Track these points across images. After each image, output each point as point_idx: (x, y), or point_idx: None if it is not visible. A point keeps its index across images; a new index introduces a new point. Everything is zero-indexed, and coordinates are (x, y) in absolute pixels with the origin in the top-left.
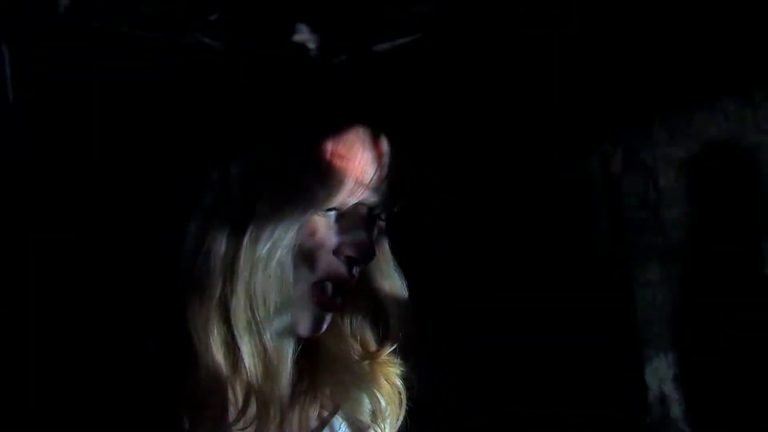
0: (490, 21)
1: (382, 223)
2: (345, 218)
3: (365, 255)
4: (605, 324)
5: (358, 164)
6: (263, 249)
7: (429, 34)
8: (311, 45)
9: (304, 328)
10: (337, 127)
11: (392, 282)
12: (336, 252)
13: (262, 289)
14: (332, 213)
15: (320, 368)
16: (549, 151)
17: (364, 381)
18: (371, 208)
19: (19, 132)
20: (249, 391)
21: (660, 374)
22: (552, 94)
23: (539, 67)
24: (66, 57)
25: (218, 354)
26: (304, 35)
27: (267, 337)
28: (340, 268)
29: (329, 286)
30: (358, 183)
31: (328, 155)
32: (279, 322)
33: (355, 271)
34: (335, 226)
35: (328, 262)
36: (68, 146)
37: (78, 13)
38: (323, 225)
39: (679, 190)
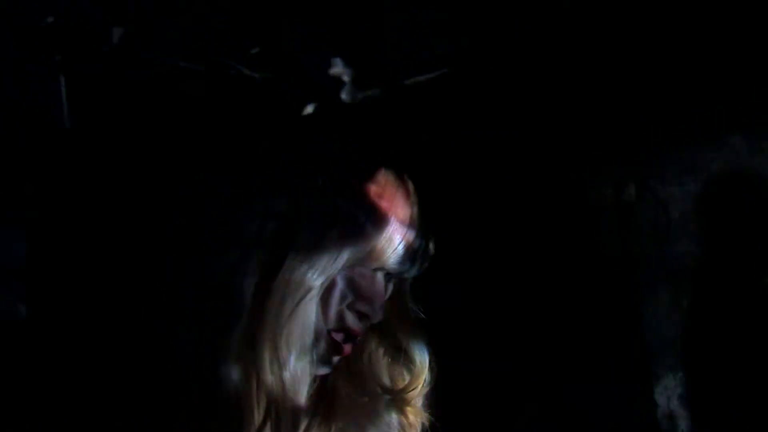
0: (511, 56)
1: (397, 280)
2: (366, 277)
3: (376, 313)
4: (617, 345)
5: (387, 236)
6: (293, 293)
7: (455, 69)
8: (346, 78)
9: (316, 367)
10: (371, 197)
11: (410, 330)
12: (350, 306)
13: (287, 329)
14: (355, 271)
15: (334, 404)
16: (565, 181)
17: (376, 418)
18: (389, 273)
19: (72, 152)
20: (265, 419)
21: (668, 392)
22: (570, 127)
23: (558, 104)
24: (116, 84)
25: (238, 383)
26: (339, 69)
27: (286, 373)
28: (352, 321)
29: (341, 334)
30: (382, 252)
31: (363, 220)
32: (298, 361)
33: (366, 325)
34: (356, 283)
35: (342, 315)
36: (115, 171)
37: (128, 45)
38: (345, 282)
39: (688, 220)
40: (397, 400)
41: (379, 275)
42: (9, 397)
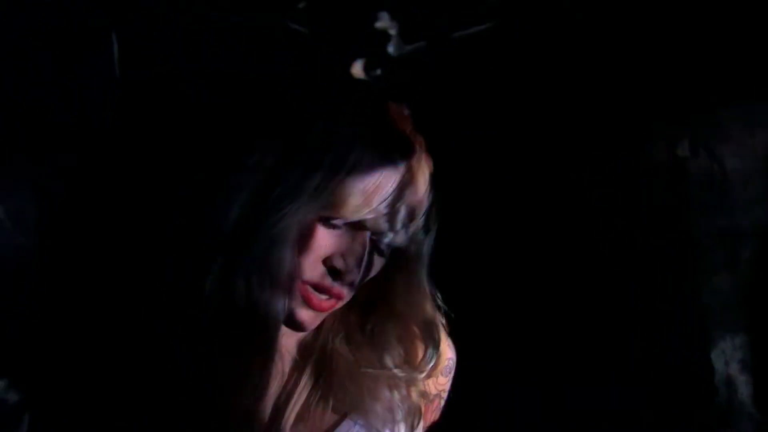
0: (558, 9)
1: (413, 252)
2: (345, 232)
3: (350, 271)
4: (671, 306)
5: (377, 186)
6: (270, 230)
7: (503, 22)
8: (392, 32)
9: (292, 321)
10: (373, 144)
11: (421, 310)
12: (325, 261)
13: (260, 269)
14: (335, 222)
15: (334, 375)
16: (617, 137)
17: (376, 390)
18: (376, 233)
19: (118, 108)
20: (238, 361)
21: (726, 356)
22: (620, 81)
23: (607, 58)
24: (164, 42)
25: (215, 325)
26: (385, 22)
27: (258, 314)
28: (324, 276)
29: (315, 287)
30: (368, 203)
31: (353, 167)
32: (270, 304)
33: (340, 285)
34: (334, 236)
35: (315, 267)
36: (153, 126)
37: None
38: (323, 232)
39: (745, 174)
40: (400, 378)
41: (363, 236)
42: (10, 395)
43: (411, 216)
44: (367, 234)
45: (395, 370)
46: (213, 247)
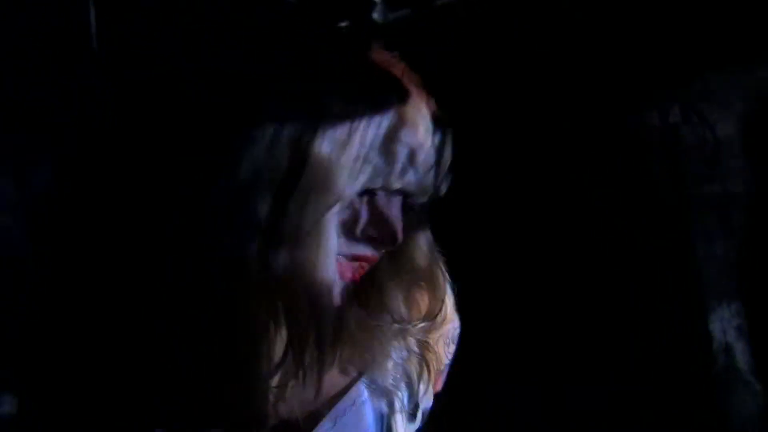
0: None
1: (419, 207)
2: (377, 200)
3: (389, 238)
4: (666, 273)
5: (402, 152)
6: (309, 217)
7: None
8: None
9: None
10: (389, 109)
11: (429, 263)
12: (362, 232)
13: (304, 252)
14: (376, 193)
15: (342, 331)
16: (609, 105)
17: (386, 349)
18: (406, 194)
19: (101, 83)
20: (289, 346)
21: (723, 324)
22: (611, 51)
23: (598, 25)
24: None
25: (256, 315)
26: None
27: (304, 301)
28: (364, 247)
29: (351, 259)
30: (399, 170)
31: (375, 137)
32: (315, 288)
33: (376, 252)
34: (372, 205)
35: (354, 240)
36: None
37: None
38: (358, 203)
39: (736, 139)
40: (409, 332)
41: (399, 199)
42: (8, 393)
43: (432, 163)
44: (401, 197)
45: (400, 324)
46: (249, 234)
